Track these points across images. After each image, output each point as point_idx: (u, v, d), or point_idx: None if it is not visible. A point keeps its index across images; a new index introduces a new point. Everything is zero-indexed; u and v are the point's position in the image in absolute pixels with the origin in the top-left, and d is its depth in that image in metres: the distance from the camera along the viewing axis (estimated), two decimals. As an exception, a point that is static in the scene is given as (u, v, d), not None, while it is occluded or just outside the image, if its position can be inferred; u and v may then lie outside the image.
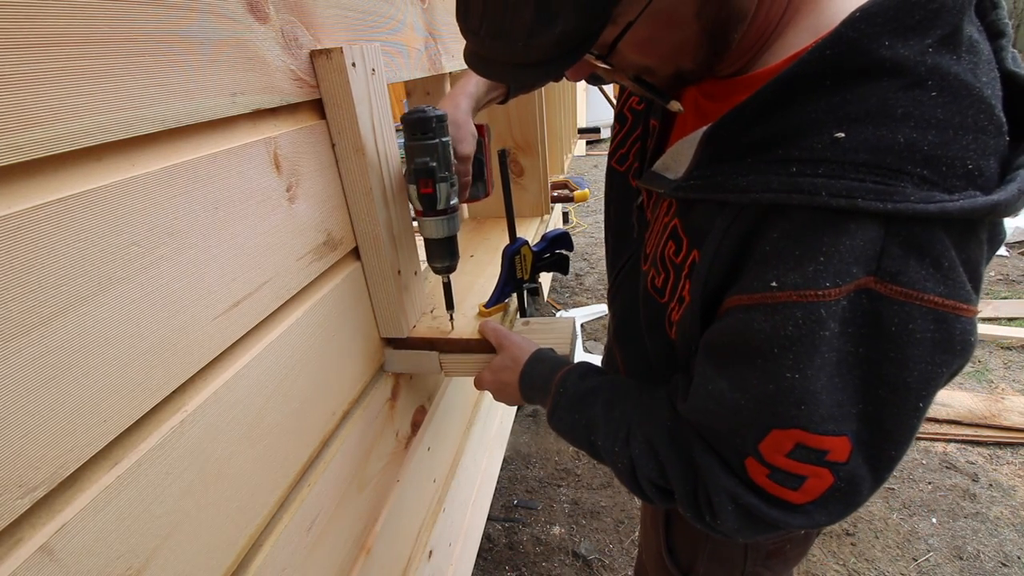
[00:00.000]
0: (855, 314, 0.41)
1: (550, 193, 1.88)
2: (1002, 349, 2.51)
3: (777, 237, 0.44)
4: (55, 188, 0.37)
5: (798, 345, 0.43)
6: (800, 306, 0.42)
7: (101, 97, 0.39)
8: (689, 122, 0.58)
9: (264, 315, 0.57)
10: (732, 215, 0.47)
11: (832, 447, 0.45)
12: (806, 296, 0.42)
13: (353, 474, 0.75)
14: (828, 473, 0.46)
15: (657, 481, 0.57)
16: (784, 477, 0.47)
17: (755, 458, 0.48)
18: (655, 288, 0.60)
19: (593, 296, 3.41)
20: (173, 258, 0.46)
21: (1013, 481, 1.87)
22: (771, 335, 0.44)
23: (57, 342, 0.36)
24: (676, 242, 0.54)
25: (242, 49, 0.53)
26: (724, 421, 0.50)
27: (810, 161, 0.42)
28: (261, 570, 0.57)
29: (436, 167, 0.70)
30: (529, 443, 2.25)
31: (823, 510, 0.48)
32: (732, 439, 0.50)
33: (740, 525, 0.51)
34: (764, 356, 0.45)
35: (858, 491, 0.47)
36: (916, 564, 1.63)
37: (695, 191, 0.50)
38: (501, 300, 0.91)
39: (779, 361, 0.44)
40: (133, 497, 0.42)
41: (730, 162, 0.47)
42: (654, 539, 0.86)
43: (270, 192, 0.58)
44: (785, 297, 0.43)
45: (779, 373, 0.44)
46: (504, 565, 1.74)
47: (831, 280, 0.41)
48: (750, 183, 0.45)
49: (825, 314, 0.41)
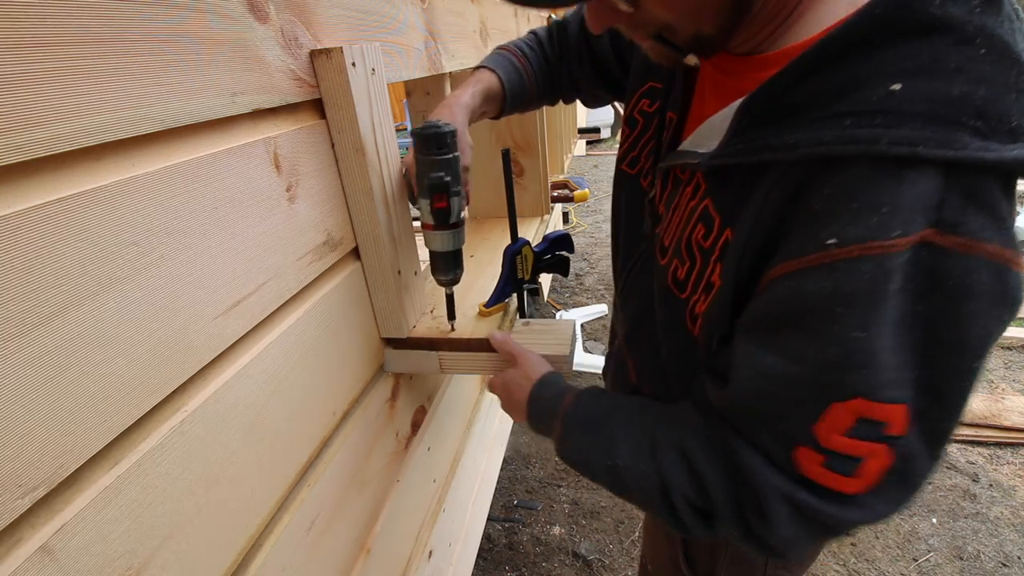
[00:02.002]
0: (915, 269, 0.40)
1: (550, 193, 1.88)
2: (1002, 349, 2.51)
3: (830, 193, 0.42)
4: (55, 188, 0.37)
5: (865, 301, 0.41)
6: (867, 259, 0.40)
7: (101, 97, 0.39)
8: (709, 104, 0.57)
9: (264, 315, 0.57)
10: (774, 178, 0.46)
11: (891, 418, 0.42)
12: (872, 248, 0.40)
13: (353, 474, 0.75)
14: (885, 450, 0.43)
15: (693, 498, 0.52)
16: (840, 462, 0.45)
17: (808, 445, 0.45)
18: (676, 282, 0.58)
19: (593, 296, 3.41)
20: (173, 258, 0.46)
21: (1013, 481, 1.87)
22: (832, 294, 0.41)
23: (57, 342, 0.36)
24: (707, 224, 0.53)
25: (242, 49, 0.53)
26: (774, 403, 0.47)
27: (865, 113, 0.41)
28: (261, 570, 0.57)
29: (451, 182, 0.70)
30: (529, 443, 2.25)
31: (881, 498, 0.45)
32: (782, 425, 0.47)
33: (796, 531, 0.47)
34: (824, 318, 0.42)
35: (915, 471, 0.44)
36: (916, 564, 1.63)
37: (735, 156, 0.49)
38: (501, 300, 0.91)
39: (843, 321, 0.42)
40: (133, 497, 0.42)
41: (773, 125, 0.46)
42: (667, 548, 0.83)
43: (270, 192, 0.58)
44: (846, 253, 0.41)
45: (843, 335, 0.42)
46: (504, 565, 1.74)
47: (899, 229, 0.39)
48: (799, 139, 0.43)
49: (893, 266, 0.40)
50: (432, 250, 0.76)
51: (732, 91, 0.52)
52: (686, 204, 0.57)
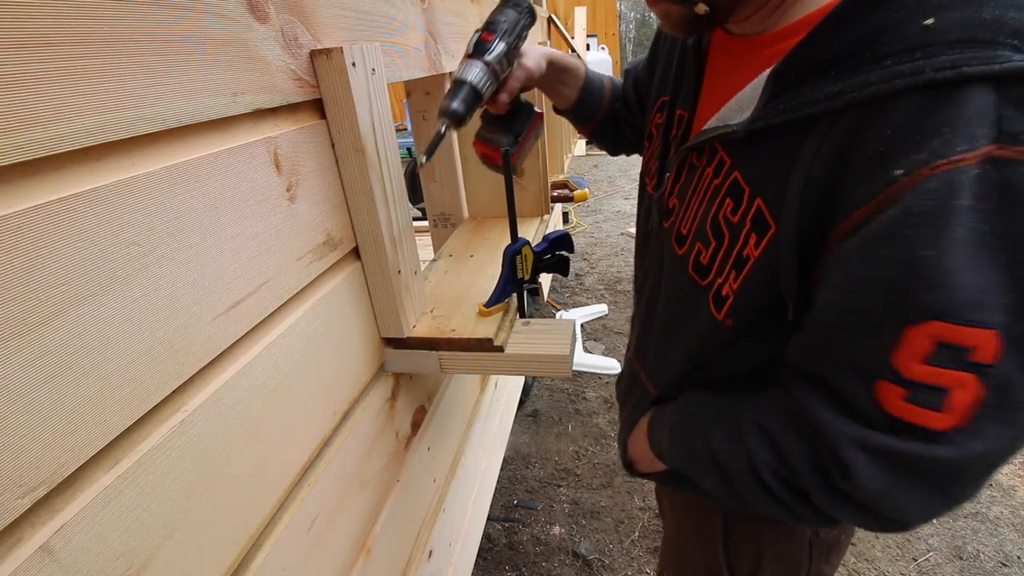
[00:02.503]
0: (985, 188, 0.39)
1: (550, 193, 1.88)
2: (1002, 349, 2.51)
3: (890, 132, 0.42)
4: (55, 188, 0.37)
5: (932, 218, 0.40)
6: (934, 178, 0.40)
7: (101, 97, 0.39)
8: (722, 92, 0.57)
9: (264, 315, 0.57)
10: (822, 132, 0.45)
11: (977, 342, 0.40)
12: (939, 167, 0.39)
13: (353, 474, 0.75)
14: (974, 380, 0.41)
15: (781, 471, 0.52)
16: (925, 394, 0.43)
17: (888, 379, 0.44)
18: (698, 268, 0.59)
19: (593, 296, 3.41)
20: (173, 258, 0.46)
21: (1013, 481, 1.87)
22: (900, 218, 0.41)
23: (57, 342, 0.36)
24: (735, 197, 0.53)
25: (242, 49, 0.53)
26: (850, 336, 0.46)
27: (903, 51, 0.42)
28: (261, 570, 0.57)
29: (506, 29, 0.72)
30: (529, 443, 2.25)
31: (976, 436, 0.42)
32: (859, 361, 0.46)
33: (882, 477, 0.45)
34: (891, 241, 0.42)
35: (1017, 404, 0.42)
36: (916, 564, 1.63)
37: (778, 115, 0.49)
38: (501, 300, 0.91)
39: (910, 240, 0.41)
40: (133, 497, 0.42)
41: (811, 82, 0.47)
42: (702, 557, 0.82)
43: (270, 192, 0.58)
44: (915, 178, 0.40)
45: (911, 253, 0.41)
46: (504, 565, 1.74)
47: (964, 144, 0.39)
48: (842, 87, 0.44)
49: (959, 181, 0.39)
50: (457, 77, 0.74)
51: (749, 69, 0.53)
52: (707, 185, 0.57)
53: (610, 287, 3.52)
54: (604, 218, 4.77)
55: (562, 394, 2.53)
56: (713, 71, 0.63)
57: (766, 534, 0.74)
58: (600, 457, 2.15)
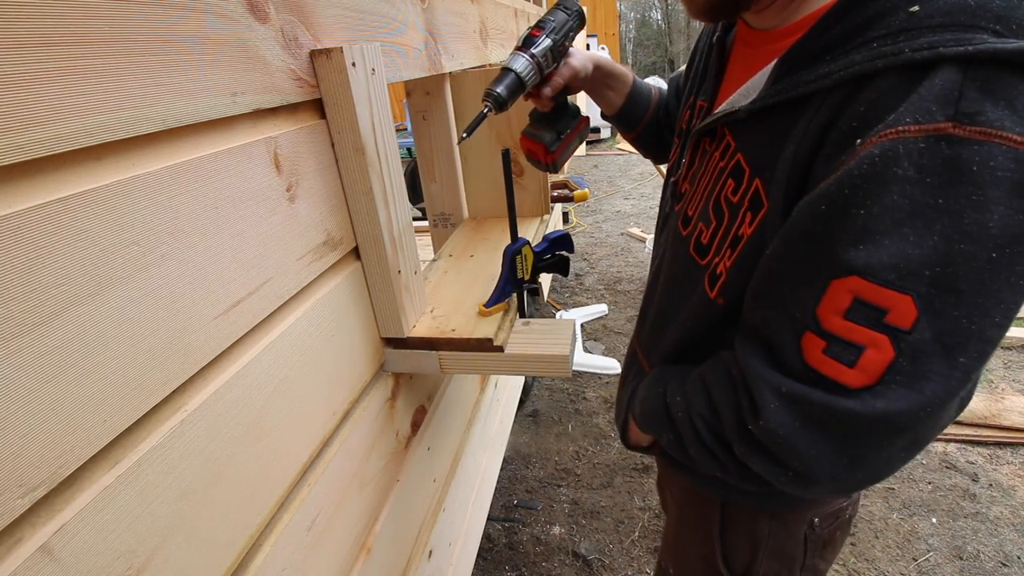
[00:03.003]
0: (934, 162, 0.41)
1: (550, 193, 1.88)
2: (1002, 349, 2.51)
3: (863, 109, 0.44)
4: (55, 188, 0.37)
5: (869, 182, 0.42)
6: (878, 146, 0.42)
7: (101, 97, 0.39)
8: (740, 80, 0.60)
9: (264, 315, 0.57)
10: (813, 110, 0.48)
11: (892, 305, 0.42)
12: (885, 136, 0.42)
13: (353, 474, 0.76)
14: (887, 342, 0.43)
15: (708, 417, 0.56)
16: (840, 348, 0.45)
17: (812, 329, 0.47)
18: (698, 248, 0.61)
19: (593, 296, 3.41)
20: (173, 258, 0.46)
21: (1013, 481, 1.87)
22: (842, 179, 0.44)
23: (57, 342, 0.36)
24: (737, 178, 0.56)
25: (242, 49, 0.53)
26: (787, 282, 0.49)
27: (889, 35, 0.44)
28: (261, 570, 0.57)
29: (554, 27, 0.78)
30: (529, 443, 2.25)
31: (880, 396, 0.44)
32: (793, 308, 0.48)
33: (789, 422, 0.48)
34: (832, 200, 0.44)
35: (926, 373, 0.43)
36: (916, 564, 1.63)
37: (774, 96, 0.52)
38: (501, 300, 0.91)
39: (848, 200, 0.43)
40: (133, 497, 0.42)
41: (809, 66, 0.50)
42: (699, 549, 0.83)
43: (270, 192, 0.58)
44: (863, 148, 0.43)
45: (846, 212, 0.43)
46: (504, 565, 1.74)
47: (911, 117, 0.41)
48: (832, 69, 0.47)
49: (902, 151, 0.41)
50: (503, 65, 0.78)
51: (762, 60, 0.56)
52: (714, 167, 0.60)
53: (610, 287, 3.52)
54: (604, 218, 4.76)
55: (562, 394, 2.53)
56: (734, 64, 0.66)
57: (762, 527, 0.75)
58: (600, 457, 2.15)
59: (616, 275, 3.67)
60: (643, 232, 4.23)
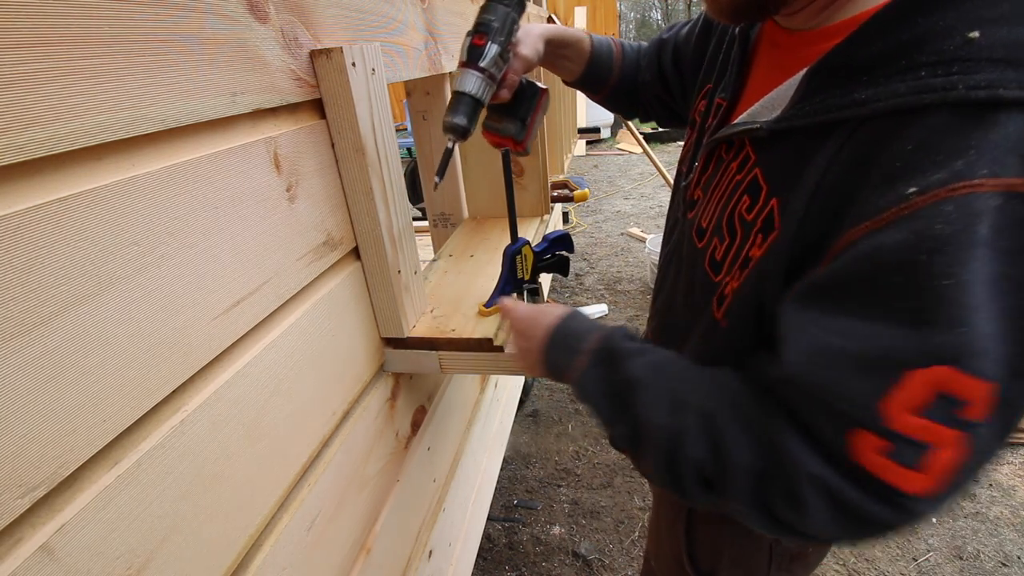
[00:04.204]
0: (1007, 222, 0.35)
1: (550, 193, 1.88)
2: (1002, 349, 2.51)
3: (910, 148, 0.39)
4: (55, 188, 0.37)
5: (952, 243, 0.35)
6: (951, 201, 0.36)
7: (101, 97, 0.39)
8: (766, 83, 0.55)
9: (264, 315, 0.57)
10: (842, 138, 0.43)
11: (976, 396, 0.36)
12: (957, 190, 0.35)
13: (353, 474, 0.76)
14: (959, 439, 0.37)
15: (705, 467, 0.47)
16: (905, 449, 0.38)
17: (869, 427, 0.39)
18: (713, 264, 0.57)
19: (593, 296, 3.41)
20: (173, 258, 0.46)
21: (1013, 481, 1.87)
22: (914, 243, 0.36)
23: (57, 342, 0.36)
24: (753, 195, 0.51)
25: (242, 49, 0.53)
26: (836, 376, 0.40)
27: (941, 63, 0.38)
28: (261, 570, 0.57)
29: (497, 28, 0.69)
30: (529, 443, 2.25)
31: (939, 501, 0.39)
32: (842, 402, 0.40)
33: (832, 522, 0.42)
34: (906, 269, 0.37)
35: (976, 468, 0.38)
36: (916, 564, 1.63)
37: (803, 118, 0.46)
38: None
39: (928, 268, 0.36)
40: (133, 497, 0.42)
41: (843, 86, 0.44)
42: (670, 545, 0.83)
43: (270, 192, 0.58)
44: (930, 198, 0.36)
45: (928, 284, 0.36)
46: (504, 565, 1.74)
47: (987, 168, 0.35)
48: (870, 95, 0.41)
49: (981, 207, 0.35)
50: (456, 89, 0.72)
51: (793, 66, 0.50)
52: (730, 179, 0.56)
53: (610, 287, 3.52)
54: (604, 218, 4.76)
55: (562, 394, 2.53)
56: (760, 63, 0.61)
57: (725, 534, 0.74)
58: (600, 457, 2.15)
59: (616, 275, 3.67)
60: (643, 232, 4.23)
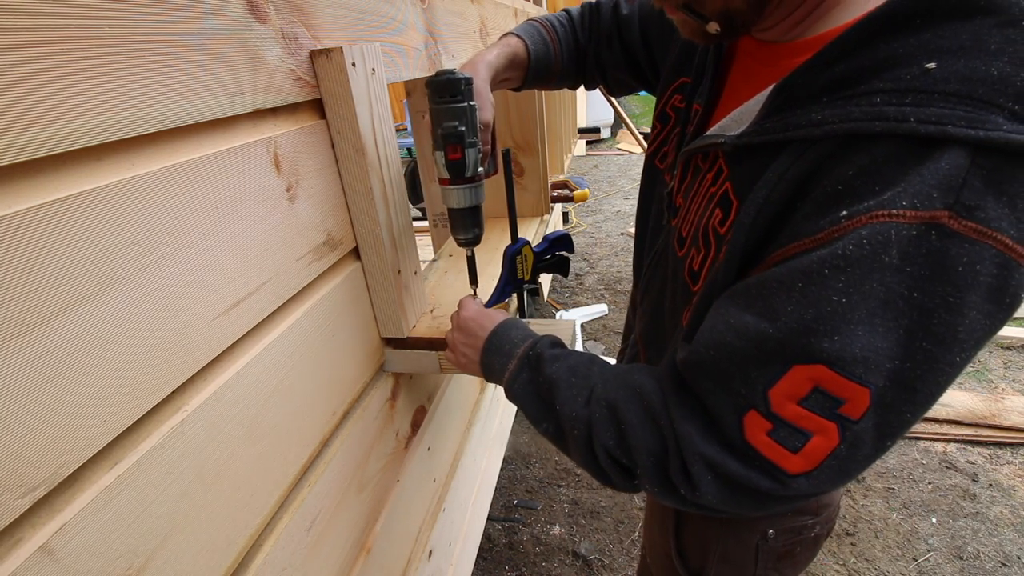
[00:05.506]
0: (919, 251, 0.38)
1: (550, 193, 1.88)
2: (1002, 349, 2.51)
3: (852, 173, 0.41)
4: (55, 188, 0.37)
5: (854, 267, 0.39)
6: (868, 227, 0.39)
7: (101, 97, 0.39)
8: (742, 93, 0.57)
9: (264, 315, 0.57)
10: (794, 155, 0.45)
11: (851, 396, 0.41)
12: (876, 217, 0.39)
13: (353, 474, 0.76)
14: (836, 431, 0.42)
15: (613, 451, 0.53)
16: (788, 434, 0.44)
17: (759, 410, 0.45)
18: (691, 274, 0.58)
19: (593, 296, 3.41)
20: (173, 258, 0.46)
21: (1013, 481, 1.87)
22: (825, 258, 0.40)
23: (57, 342, 0.36)
24: (724, 209, 0.52)
25: (242, 49, 0.53)
26: (737, 359, 0.46)
27: (896, 92, 0.40)
28: (261, 570, 0.57)
29: (465, 132, 0.68)
30: (529, 443, 2.25)
31: (814, 480, 0.45)
32: (739, 385, 0.46)
33: (720, 495, 0.48)
34: (810, 279, 0.41)
35: (857, 460, 0.44)
36: (916, 564, 1.63)
37: (761, 135, 0.48)
38: (501, 300, 0.91)
39: (827, 283, 0.40)
40: (133, 497, 0.42)
41: (804, 105, 0.45)
42: (661, 541, 0.84)
43: (270, 192, 0.58)
44: (853, 224, 0.40)
45: (823, 296, 0.41)
46: (504, 565, 1.74)
47: (909, 201, 0.38)
48: (826, 116, 0.43)
49: (893, 237, 0.38)
50: (451, 208, 0.73)
51: (766, 78, 0.51)
52: (706, 191, 0.57)
53: (610, 287, 3.52)
54: (604, 218, 4.76)
55: (562, 394, 2.53)
56: (736, 72, 0.62)
57: (711, 532, 0.75)
58: (600, 457, 2.15)
59: (616, 275, 3.67)
60: (643, 232, 4.23)
